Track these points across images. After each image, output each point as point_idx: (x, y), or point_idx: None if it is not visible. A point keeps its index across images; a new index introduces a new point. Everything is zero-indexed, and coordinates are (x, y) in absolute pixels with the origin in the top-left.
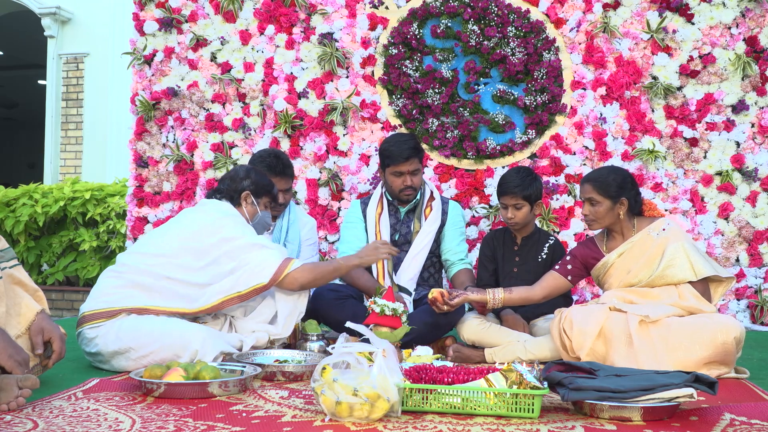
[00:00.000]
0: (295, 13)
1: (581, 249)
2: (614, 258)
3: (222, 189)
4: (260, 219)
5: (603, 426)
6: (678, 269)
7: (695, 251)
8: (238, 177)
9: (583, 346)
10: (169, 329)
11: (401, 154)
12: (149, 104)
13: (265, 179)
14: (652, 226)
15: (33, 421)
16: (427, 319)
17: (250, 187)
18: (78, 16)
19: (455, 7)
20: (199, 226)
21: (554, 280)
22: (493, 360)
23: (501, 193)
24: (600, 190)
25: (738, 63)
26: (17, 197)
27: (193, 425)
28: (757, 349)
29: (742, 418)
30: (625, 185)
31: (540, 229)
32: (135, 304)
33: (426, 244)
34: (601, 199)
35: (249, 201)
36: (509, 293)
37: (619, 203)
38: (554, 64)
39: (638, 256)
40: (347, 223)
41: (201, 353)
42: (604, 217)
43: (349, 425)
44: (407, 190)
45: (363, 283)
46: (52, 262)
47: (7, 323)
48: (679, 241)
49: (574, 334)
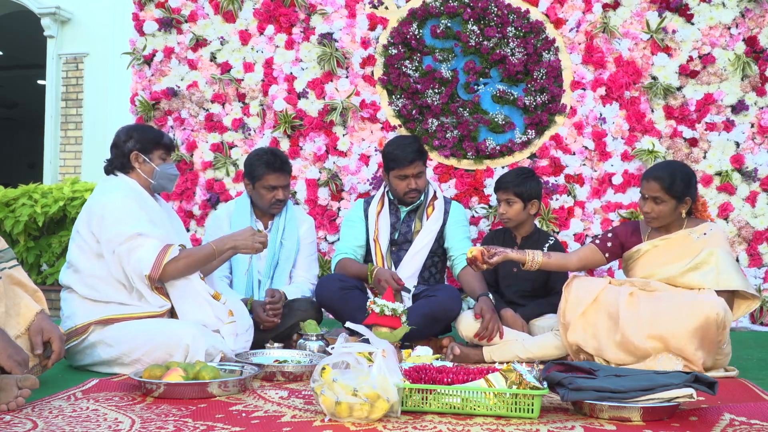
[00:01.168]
0: (295, 13)
1: (624, 229)
2: (648, 247)
3: (112, 160)
4: (160, 174)
5: (603, 426)
6: (701, 274)
7: (729, 262)
8: (121, 141)
9: (576, 311)
10: (160, 328)
11: (406, 158)
12: (149, 104)
13: (150, 131)
14: (696, 228)
15: (32, 421)
16: (424, 311)
17: (136, 146)
18: (77, 16)
19: (455, 8)
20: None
21: (592, 252)
22: (491, 359)
23: (496, 188)
24: (668, 189)
25: (737, 63)
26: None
27: (193, 425)
28: (756, 349)
29: (741, 418)
30: (691, 184)
31: (540, 230)
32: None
33: (427, 243)
34: (667, 199)
35: (141, 160)
36: (548, 257)
37: (684, 203)
38: (554, 65)
39: (670, 251)
40: (347, 221)
41: (193, 349)
42: (666, 216)
43: (349, 425)
44: (411, 193)
45: (355, 271)
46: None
47: (7, 323)
48: (716, 247)
49: (571, 297)
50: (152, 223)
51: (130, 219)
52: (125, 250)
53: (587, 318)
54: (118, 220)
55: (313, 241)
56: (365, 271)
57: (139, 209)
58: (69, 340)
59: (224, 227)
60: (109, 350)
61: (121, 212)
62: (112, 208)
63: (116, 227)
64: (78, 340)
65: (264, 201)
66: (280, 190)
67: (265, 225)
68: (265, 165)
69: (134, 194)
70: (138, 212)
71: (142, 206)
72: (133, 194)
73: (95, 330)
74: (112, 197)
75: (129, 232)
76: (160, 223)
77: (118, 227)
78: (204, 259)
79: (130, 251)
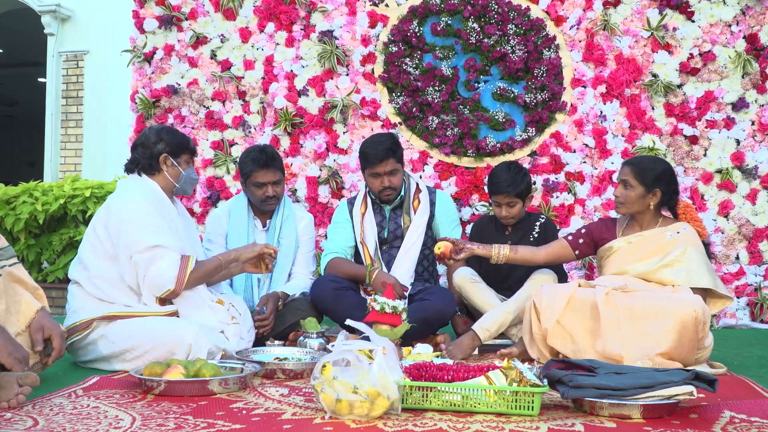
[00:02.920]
0: (295, 10)
1: (598, 226)
2: (621, 244)
3: (137, 159)
4: (185, 178)
5: (603, 423)
6: (673, 272)
7: (700, 261)
8: (150, 142)
9: (550, 317)
10: (162, 327)
11: (377, 156)
12: (149, 102)
13: (178, 135)
14: (670, 227)
15: (33, 418)
16: (418, 314)
17: (166, 149)
18: (78, 13)
19: (455, 5)
20: (106, 229)
21: (561, 248)
22: (482, 331)
23: (493, 191)
24: (637, 174)
25: (738, 61)
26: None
27: (194, 423)
28: (756, 346)
29: (741, 416)
30: (663, 177)
31: (530, 213)
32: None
33: (417, 237)
34: (636, 184)
35: (169, 164)
36: (514, 252)
37: (652, 193)
38: (554, 62)
39: (643, 249)
40: (335, 224)
41: (195, 347)
42: (633, 202)
43: (349, 423)
44: (386, 191)
45: (349, 270)
46: (52, 259)
47: (7, 321)
48: (689, 245)
49: (543, 305)
50: (172, 231)
51: (151, 227)
52: (145, 259)
53: (563, 323)
54: (139, 227)
55: (311, 238)
56: (362, 272)
57: (159, 216)
58: (72, 335)
59: (223, 225)
60: (111, 346)
61: (142, 218)
62: (133, 212)
63: (136, 234)
64: (81, 335)
65: (255, 198)
66: (270, 187)
67: (263, 223)
68: (252, 162)
69: (156, 199)
70: (158, 220)
71: (162, 212)
72: (155, 199)
73: (98, 326)
74: (133, 200)
75: (149, 242)
76: (178, 231)
77: (139, 234)
78: (212, 271)
79: (150, 262)
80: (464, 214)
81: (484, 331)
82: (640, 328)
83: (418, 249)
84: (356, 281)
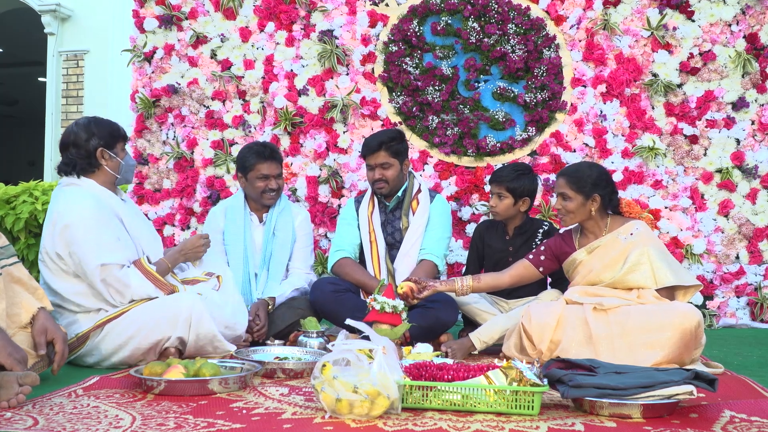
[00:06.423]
0: (295, 10)
1: (556, 241)
2: (583, 255)
3: (72, 161)
4: (125, 167)
5: (603, 423)
6: (639, 275)
7: (661, 258)
8: (82, 140)
9: (543, 338)
10: (157, 306)
11: (369, 147)
12: (149, 101)
13: (107, 124)
14: (621, 229)
15: (33, 418)
16: (421, 322)
17: (101, 143)
18: (78, 13)
19: (455, 4)
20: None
21: (524, 269)
22: (478, 342)
23: (490, 180)
24: (573, 184)
25: (738, 60)
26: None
27: (194, 422)
28: (756, 346)
29: (741, 415)
30: (599, 182)
31: (532, 219)
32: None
33: (416, 239)
34: (573, 195)
35: (107, 157)
36: (477, 282)
37: (592, 200)
38: (554, 62)
39: (603, 257)
40: (342, 219)
41: (195, 318)
42: (575, 212)
43: (350, 422)
44: (378, 182)
45: (359, 278)
46: None
47: (7, 320)
48: (645, 246)
49: (533, 327)
50: (120, 241)
51: (100, 242)
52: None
53: (556, 341)
54: (89, 243)
55: (308, 233)
56: (372, 285)
57: (107, 226)
58: (72, 351)
59: (219, 222)
60: (116, 339)
61: (89, 232)
62: (78, 226)
63: (88, 251)
64: (82, 349)
65: (257, 191)
66: (273, 179)
67: (260, 218)
68: (256, 155)
69: (99, 204)
70: (106, 231)
71: (110, 218)
72: (98, 204)
73: (95, 334)
74: (77, 212)
75: (100, 260)
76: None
77: (91, 251)
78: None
79: (109, 282)
80: (464, 214)
81: (480, 342)
82: (633, 340)
83: (418, 250)
84: (362, 288)
